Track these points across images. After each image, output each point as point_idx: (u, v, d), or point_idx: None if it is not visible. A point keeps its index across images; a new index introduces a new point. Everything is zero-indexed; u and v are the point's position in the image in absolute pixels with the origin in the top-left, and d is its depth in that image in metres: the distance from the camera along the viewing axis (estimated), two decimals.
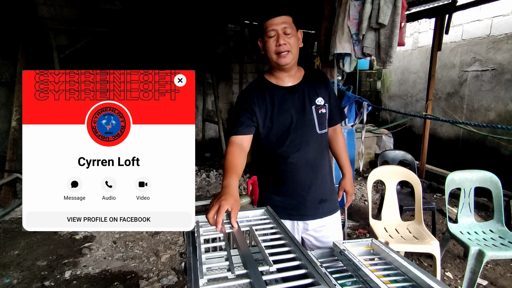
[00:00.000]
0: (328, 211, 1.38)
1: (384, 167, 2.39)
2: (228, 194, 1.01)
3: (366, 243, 1.20)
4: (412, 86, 5.56)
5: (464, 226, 2.17)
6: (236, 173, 1.16)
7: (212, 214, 0.94)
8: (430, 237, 2.01)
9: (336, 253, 1.16)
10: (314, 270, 0.71)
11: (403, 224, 2.26)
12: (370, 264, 1.10)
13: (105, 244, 2.81)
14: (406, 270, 1.02)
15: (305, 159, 1.30)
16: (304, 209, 1.33)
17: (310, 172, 1.31)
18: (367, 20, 1.83)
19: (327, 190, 1.37)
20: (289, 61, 1.24)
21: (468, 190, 2.18)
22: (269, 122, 1.30)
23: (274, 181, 1.36)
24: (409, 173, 2.29)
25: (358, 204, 3.61)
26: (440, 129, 4.94)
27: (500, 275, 2.26)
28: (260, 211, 1.13)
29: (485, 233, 2.11)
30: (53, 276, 2.34)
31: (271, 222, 1.02)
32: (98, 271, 2.40)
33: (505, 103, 3.96)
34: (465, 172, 2.18)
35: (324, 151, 1.37)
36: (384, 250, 1.13)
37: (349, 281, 1.03)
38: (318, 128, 1.31)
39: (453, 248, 2.60)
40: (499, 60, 4.03)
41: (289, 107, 1.30)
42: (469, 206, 2.21)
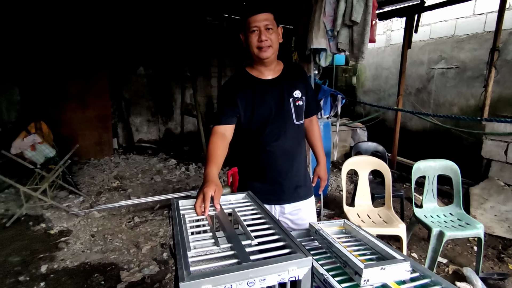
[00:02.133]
0: (303, 196, 1.48)
1: (357, 157, 2.54)
2: (209, 182, 1.10)
3: (339, 223, 1.31)
4: (384, 81, 5.83)
5: (428, 211, 2.36)
6: (217, 163, 1.24)
7: (199, 203, 1.02)
8: (398, 221, 2.18)
9: (312, 233, 1.26)
10: (292, 242, 0.79)
11: (375, 210, 2.42)
12: (342, 242, 1.21)
13: (83, 238, 2.77)
14: (373, 245, 1.13)
15: (283, 148, 1.38)
16: (281, 194, 1.43)
17: (287, 160, 1.40)
18: (341, 17, 1.94)
19: (302, 176, 1.47)
20: (269, 55, 1.31)
21: (431, 178, 2.37)
22: (250, 113, 1.37)
23: (253, 169, 1.45)
24: (380, 163, 2.45)
25: (334, 194, 3.77)
26: (410, 123, 5.24)
27: (458, 254, 2.49)
28: (241, 195, 1.20)
29: (445, 216, 2.31)
30: (27, 271, 2.29)
31: (252, 205, 1.09)
32: (77, 264, 2.38)
33: (467, 99, 4.28)
34: (429, 161, 2.37)
35: (301, 140, 1.47)
36: (354, 229, 1.24)
37: (323, 257, 1.14)
38: (295, 119, 1.40)
39: (419, 232, 2.82)
40: (462, 59, 4.33)
41: (269, 99, 1.37)
42: (432, 192, 2.41)
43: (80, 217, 3.14)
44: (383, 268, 0.94)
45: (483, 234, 2.10)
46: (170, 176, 4.48)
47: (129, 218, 3.16)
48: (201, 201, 1.03)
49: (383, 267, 0.94)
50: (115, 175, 4.42)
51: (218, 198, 1.05)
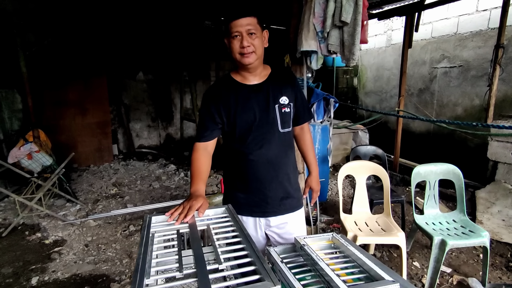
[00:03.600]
0: (290, 208, 1.39)
1: (354, 162, 2.44)
2: (198, 196, 1.13)
3: (327, 238, 1.22)
4: (386, 82, 5.71)
5: (430, 217, 2.26)
6: (202, 179, 1.27)
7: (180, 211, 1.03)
8: (397, 229, 2.08)
9: (297, 248, 1.18)
10: (261, 267, 0.72)
11: (373, 217, 2.33)
12: (330, 258, 1.12)
13: (76, 248, 2.73)
14: (361, 263, 1.05)
15: (267, 157, 1.31)
16: (266, 206, 1.35)
17: (271, 170, 1.33)
18: (331, 18, 1.86)
19: (289, 188, 1.38)
20: (252, 61, 1.24)
21: (433, 183, 2.27)
22: (233, 120, 1.31)
23: (237, 178, 1.38)
24: (378, 168, 2.35)
25: (334, 199, 3.68)
26: (413, 124, 5.11)
27: (463, 262, 2.37)
28: (221, 209, 1.13)
29: (448, 223, 2.20)
30: (18, 283, 2.25)
31: (229, 220, 1.03)
32: (68, 275, 2.33)
33: (471, 98, 4.15)
34: (430, 165, 2.27)
35: (287, 149, 1.38)
36: (343, 243, 1.16)
37: (308, 275, 1.06)
38: (281, 127, 1.32)
39: (422, 239, 2.70)
40: (465, 57, 4.21)
41: (253, 105, 1.30)
42: (434, 197, 2.31)
43: (75, 226, 3.11)
44: None
45: (489, 242, 1.98)
46: (169, 182, 4.43)
47: (125, 226, 3.11)
48: (184, 210, 1.03)
49: None
50: (114, 182, 4.39)
51: (202, 213, 1.07)
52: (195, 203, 1.06)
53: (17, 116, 4.88)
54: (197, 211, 1.06)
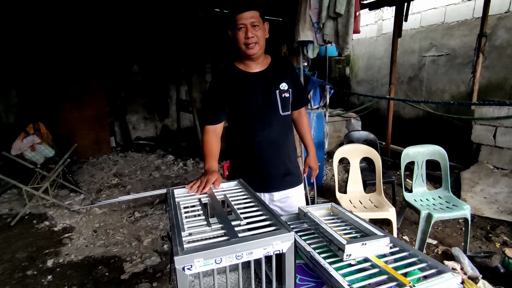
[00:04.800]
0: (291, 184, 1.55)
1: (348, 146, 2.61)
2: (213, 172, 1.27)
3: (327, 207, 1.39)
4: (377, 71, 5.88)
5: (417, 195, 2.45)
6: (215, 157, 1.41)
7: (198, 184, 1.16)
8: (388, 205, 2.27)
9: (301, 216, 1.35)
10: (277, 221, 0.87)
11: (366, 196, 2.51)
12: (329, 223, 1.29)
13: (86, 234, 2.86)
14: (357, 224, 1.22)
15: (269, 138, 1.46)
16: (269, 182, 1.50)
17: (274, 149, 1.48)
18: (326, 9, 1.99)
19: (289, 165, 1.54)
20: (256, 51, 1.38)
21: (420, 163, 2.46)
22: (238, 105, 1.45)
23: (242, 159, 1.53)
24: (370, 150, 2.53)
25: (329, 183, 3.86)
26: (403, 111, 5.31)
27: (447, 235, 2.59)
28: (233, 183, 1.27)
29: (434, 200, 2.40)
30: (35, 265, 2.38)
31: (243, 191, 1.17)
32: (81, 258, 2.46)
33: (457, 85, 4.35)
34: (417, 147, 2.45)
35: (287, 130, 1.53)
36: (341, 211, 1.32)
37: (311, 237, 1.22)
38: (281, 110, 1.47)
39: (411, 216, 2.91)
40: (452, 46, 4.39)
41: (256, 91, 1.44)
42: (421, 177, 2.50)
43: (82, 214, 3.22)
44: (364, 243, 1.02)
45: (470, 215, 2.19)
46: (169, 171, 4.55)
47: (130, 213, 3.24)
48: (202, 183, 1.16)
49: (364, 243, 1.02)
50: (114, 173, 4.49)
51: (218, 185, 1.21)
52: (211, 177, 1.20)
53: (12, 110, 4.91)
54: (213, 184, 1.20)
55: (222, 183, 1.26)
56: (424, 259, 1.01)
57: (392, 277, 0.93)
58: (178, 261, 0.71)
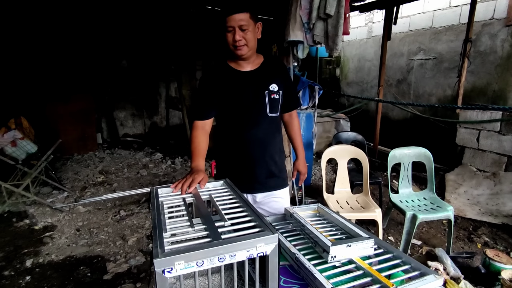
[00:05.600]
0: (275, 186, 1.54)
1: (336, 146, 2.63)
2: (199, 171, 1.24)
3: (313, 207, 1.39)
4: (367, 73, 5.95)
5: (403, 196, 2.49)
6: (202, 155, 1.38)
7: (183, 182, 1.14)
8: (374, 206, 2.29)
9: (287, 217, 1.34)
10: (261, 222, 0.86)
11: (353, 196, 2.53)
12: (315, 224, 1.28)
13: (68, 232, 2.78)
14: (343, 226, 1.22)
15: (255, 137, 1.45)
16: (253, 182, 1.49)
17: (260, 149, 1.47)
18: (316, 10, 1.99)
19: (274, 167, 1.52)
20: (244, 53, 1.37)
21: (407, 164, 2.49)
22: (226, 103, 1.44)
23: (228, 157, 1.52)
24: (358, 151, 2.55)
25: (317, 183, 3.88)
26: (392, 113, 5.39)
27: (432, 236, 2.63)
28: (219, 182, 1.25)
29: (419, 201, 2.44)
30: (12, 266, 2.29)
31: (228, 191, 1.15)
32: (62, 257, 2.39)
33: (444, 89, 4.44)
34: (404, 148, 2.48)
35: (275, 132, 1.52)
36: (327, 212, 1.32)
37: (297, 238, 1.21)
38: (269, 111, 1.46)
39: (397, 217, 2.95)
40: (439, 50, 4.47)
41: (245, 90, 1.43)
42: (407, 178, 2.53)
43: (64, 212, 3.14)
44: (349, 245, 1.02)
45: (453, 216, 2.23)
46: (157, 170, 4.49)
47: (115, 212, 3.17)
48: (187, 183, 1.14)
49: (349, 244, 1.02)
50: (100, 170, 4.39)
51: (203, 185, 1.18)
52: (197, 177, 1.18)
53: None
54: (199, 184, 1.18)
55: (208, 182, 1.24)
56: (407, 261, 1.01)
57: (375, 279, 0.93)
58: (158, 264, 0.68)
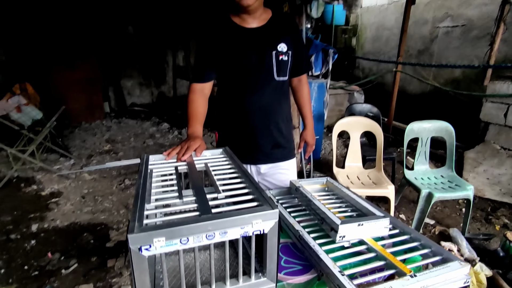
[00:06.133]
0: (281, 157, 1.41)
1: (349, 118, 2.45)
2: (196, 137, 1.12)
3: (321, 181, 1.26)
4: (385, 43, 5.55)
5: (419, 173, 2.33)
6: (200, 121, 1.26)
7: (177, 150, 1.02)
8: (387, 182, 2.15)
9: (292, 191, 1.22)
10: (260, 196, 0.74)
11: (364, 172, 2.39)
12: (324, 199, 1.16)
13: (73, 199, 2.78)
14: (354, 202, 1.09)
15: (259, 104, 1.30)
16: (257, 153, 1.37)
17: (264, 117, 1.32)
18: None
19: (280, 137, 1.39)
20: (251, 3, 1.17)
21: (425, 140, 2.31)
22: (228, 64, 1.28)
23: (230, 126, 1.38)
24: (373, 124, 2.37)
25: (327, 157, 3.74)
26: (409, 87, 5.07)
27: (446, 216, 2.50)
28: (218, 151, 1.13)
29: (436, 178, 2.28)
30: (18, 230, 2.31)
31: (227, 160, 1.03)
32: (67, 223, 2.40)
33: (470, 60, 4.08)
34: (423, 122, 2.29)
35: (281, 98, 1.36)
36: (337, 186, 1.19)
37: (302, 214, 1.10)
38: (276, 75, 1.29)
39: (409, 195, 2.82)
40: (469, 16, 4.06)
41: (249, 50, 1.26)
42: (425, 154, 2.36)
43: (70, 179, 3.13)
44: (360, 224, 0.90)
45: (473, 196, 2.08)
46: (163, 140, 4.42)
47: (120, 180, 3.15)
48: (182, 150, 1.03)
49: (361, 223, 0.90)
50: (107, 139, 4.36)
51: (200, 153, 1.06)
52: (193, 144, 1.06)
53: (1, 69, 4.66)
54: (195, 152, 1.06)
55: (206, 150, 1.12)
56: (427, 244, 0.89)
57: (390, 263, 0.81)
58: (133, 240, 0.58)
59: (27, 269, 1.88)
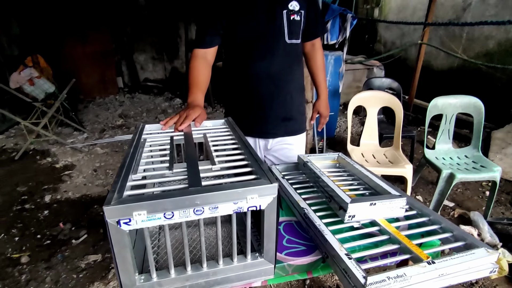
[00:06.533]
0: (291, 131, 1.31)
1: (366, 92, 2.28)
2: (195, 106, 1.05)
3: (332, 157, 1.16)
4: (411, 13, 5.14)
5: (440, 152, 2.17)
6: (201, 89, 1.17)
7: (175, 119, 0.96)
8: (405, 161, 2.02)
9: (300, 166, 1.13)
10: (258, 168, 0.65)
11: (381, 150, 2.26)
12: (334, 176, 1.07)
13: (86, 172, 2.81)
14: (367, 180, 0.99)
15: (268, 71, 1.18)
16: (265, 125, 1.27)
17: (273, 86, 1.21)
18: None
19: (292, 108, 1.28)
20: None
21: (450, 116, 2.13)
22: (234, 26, 1.16)
23: (236, 96, 1.29)
24: (392, 99, 2.20)
25: (342, 135, 3.60)
26: (435, 61, 4.73)
27: (467, 198, 2.36)
28: (220, 121, 1.05)
29: (459, 159, 2.12)
30: (33, 200, 2.37)
31: (228, 131, 0.95)
32: (78, 195, 2.43)
33: (508, 31, 3.71)
34: (449, 97, 2.10)
35: (293, 64, 1.24)
36: (349, 162, 1.09)
37: (309, 191, 1.01)
38: (288, 37, 1.17)
39: (428, 175, 2.67)
40: None
41: (257, 10, 1.14)
42: (448, 132, 2.19)
43: (83, 153, 3.17)
44: (373, 203, 0.80)
45: (499, 178, 1.92)
46: None
47: None
48: (180, 119, 0.96)
49: (373, 203, 0.80)
50: (120, 114, 4.36)
51: (199, 123, 0.98)
52: (192, 113, 0.98)
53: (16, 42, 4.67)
54: (194, 122, 0.98)
55: (207, 120, 1.03)
56: (448, 227, 0.79)
57: (404, 247, 0.72)
58: (109, 213, 0.51)
59: (40, 238, 1.93)
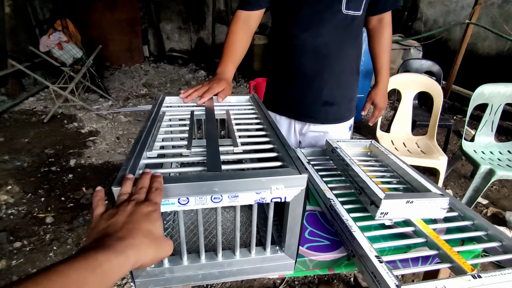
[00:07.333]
0: (333, 118, 1.15)
1: (402, 75, 2.10)
2: (222, 79, 0.93)
3: (364, 144, 1.06)
4: None
5: (480, 145, 1.99)
6: (234, 61, 1.05)
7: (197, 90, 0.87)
8: (439, 153, 1.87)
9: (328, 152, 1.04)
10: (286, 155, 0.58)
11: (413, 138, 2.11)
12: (365, 165, 0.98)
13: (109, 139, 2.86)
14: (403, 173, 0.89)
15: (314, 43, 1.02)
16: (303, 107, 1.12)
17: (317, 62, 1.04)
18: None
19: (338, 91, 1.11)
20: None
21: (496, 107, 1.92)
22: None
23: (277, 69, 1.16)
24: (432, 83, 2.01)
25: None
26: (482, 44, 4.29)
27: (504, 197, 2.18)
28: (245, 97, 0.97)
29: (501, 154, 1.94)
30: (59, 163, 2.45)
31: (253, 108, 0.87)
32: (101, 162, 2.48)
33: None
34: (498, 85, 1.88)
35: (347, 40, 1.04)
36: (382, 152, 0.99)
37: (337, 180, 0.93)
38: (345, 6, 0.97)
39: (461, 168, 2.50)
40: None
41: None
42: (492, 124, 1.99)
43: (108, 120, 3.22)
44: (410, 201, 0.72)
45: None
46: None
47: None
48: (202, 90, 0.86)
49: (410, 200, 0.72)
50: (144, 83, 4.37)
51: (222, 98, 0.88)
52: (216, 86, 0.88)
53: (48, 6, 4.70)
54: (216, 96, 0.90)
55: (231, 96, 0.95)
56: (496, 235, 0.69)
57: (444, 254, 0.64)
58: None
59: (64, 200, 2.00)
